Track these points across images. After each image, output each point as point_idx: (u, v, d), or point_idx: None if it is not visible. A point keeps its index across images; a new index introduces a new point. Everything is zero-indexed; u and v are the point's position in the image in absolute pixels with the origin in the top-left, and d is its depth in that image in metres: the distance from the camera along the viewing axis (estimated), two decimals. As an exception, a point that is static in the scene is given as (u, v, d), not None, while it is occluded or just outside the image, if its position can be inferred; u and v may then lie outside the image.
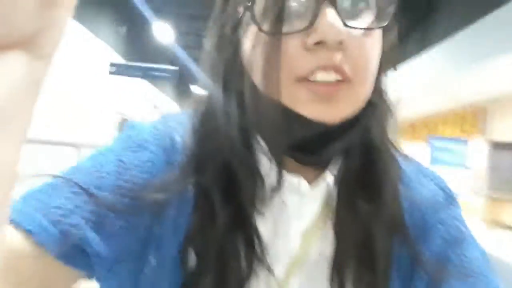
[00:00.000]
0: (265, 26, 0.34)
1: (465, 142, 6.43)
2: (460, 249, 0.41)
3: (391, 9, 0.35)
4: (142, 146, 0.39)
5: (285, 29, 0.33)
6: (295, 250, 0.39)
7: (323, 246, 0.40)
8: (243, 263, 0.37)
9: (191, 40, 10.75)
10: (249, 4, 0.34)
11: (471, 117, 8.28)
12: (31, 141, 3.60)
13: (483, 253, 0.43)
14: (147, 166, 0.38)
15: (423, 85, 7.26)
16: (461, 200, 0.48)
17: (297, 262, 0.39)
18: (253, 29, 0.35)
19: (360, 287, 0.38)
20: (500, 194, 7.49)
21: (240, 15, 0.37)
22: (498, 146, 8.15)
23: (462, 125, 8.57)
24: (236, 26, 0.37)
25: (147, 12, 8.78)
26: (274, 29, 0.33)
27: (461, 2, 7.19)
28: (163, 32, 9.52)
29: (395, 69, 0.42)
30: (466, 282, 0.39)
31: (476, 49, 5.81)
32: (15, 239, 0.31)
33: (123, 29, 9.00)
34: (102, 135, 8.27)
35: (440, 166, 5.91)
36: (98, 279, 0.38)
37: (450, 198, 0.46)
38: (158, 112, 13.26)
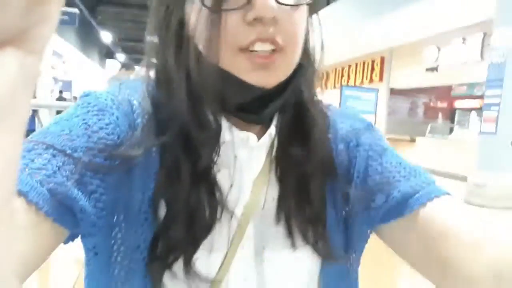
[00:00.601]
0: (208, 3, 0.38)
1: (372, 90, 7.02)
2: (382, 159, 0.48)
3: None
4: (103, 110, 0.41)
5: (226, 6, 0.38)
6: (248, 197, 0.45)
7: (270, 191, 0.46)
8: (207, 210, 0.42)
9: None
10: None
11: (376, 66, 9.01)
12: None
13: (403, 161, 0.48)
14: (111, 127, 0.41)
15: (333, 34, 7.59)
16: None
17: (250, 207, 0.45)
18: (197, 5, 0.39)
19: (302, 220, 0.45)
20: (396, 135, 8.49)
21: None
22: (395, 93, 9.10)
23: (368, 74, 9.31)
24: (183, 2, 0.42)
25: None
26: (215, 7, 0.38)
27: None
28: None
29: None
30: (387, 191, 0.45)
31: (380, 1, 6.19)
32: None
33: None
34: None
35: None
36: (83, 236, 0.41)
37: (368, 125, 0.53)
38: (58, 59, 11.93)
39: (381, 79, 8.88)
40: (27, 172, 0.34)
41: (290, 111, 0.46)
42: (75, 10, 7.43)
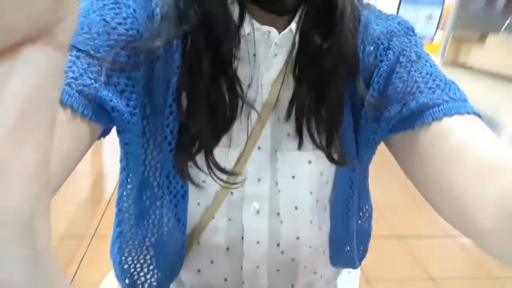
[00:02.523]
0: None
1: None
2: (411, 67, 0.44)
3: None
4: (118, 3, 0.40)
5: None
6: (266, 97, 0.45)
7: (288, 91, 0.45)
8: (228, 104, 0.43)
9: None
10: None
11: None
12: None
13: (437, 72, 0.44)
14: (130, 22, 0.40)
15: None
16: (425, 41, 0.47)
17: (268, 106, 0.45)
18: None
19: (317, 120, 0.45)
20: (463, 31, 7.56)
21: None
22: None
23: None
24: None
25: None
26: None
27: None
28: None
29: None
30: (405, 101, 0.42)
31: None
32: None
33: None
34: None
35: (412, 5, 5.68)
36: (118, 132, 0.43)
37: (407, 29, 0.47)
38: None
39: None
40: None
41: (317, 3, 0.42)
42: None
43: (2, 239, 0.11)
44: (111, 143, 0.52)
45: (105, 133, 0.43)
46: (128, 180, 0.48)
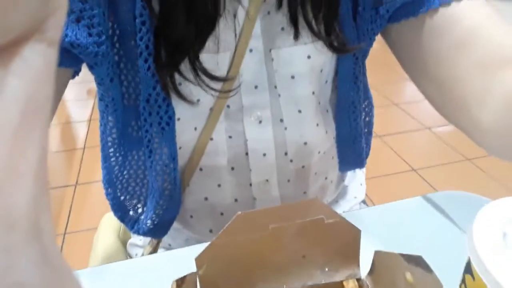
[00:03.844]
0: None
1: None
2: None
3: None
4: None
5: None
6: None
7: None
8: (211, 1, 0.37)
9: None
10: None
11: None
12: None
13: None
14: None
15: None
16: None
17: (257, 1, 0.40)
18: None
19: (314, 6, 0.41)
20: None
21: None
22: None
23: None
24: None
25: None
26: None
27: None
28: None
29: None
30: None
31: None
32: None
33: None
34: None
35: None
36: (90, 67, 0.39)
37: None
38: None
39: None
40: None
41: None
42: None
43: (14, 242, 0.11)
44: (74, 88, 0.45)
45: (77, 72, 0.39)
46: (109, 116, 0.44)
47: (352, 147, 0.52)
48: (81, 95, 2.36)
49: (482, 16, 0.37)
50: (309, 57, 0.43)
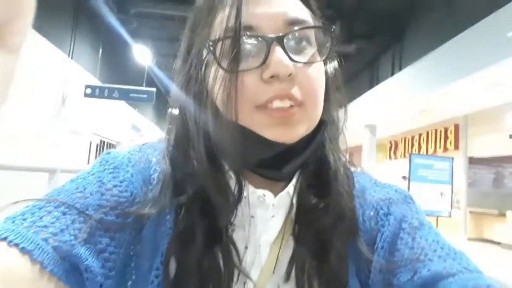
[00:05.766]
0: (225, 65, 0.40)
1: (446, 159, 6.47)
2: (415, 233, 0.43)
3: (329, 45, 0.43)
4: (118, 168, 0.42)
5: (242, 66, 0.40)
6: (264, 260, 0.43)
7: (287, 252, 0.43)
8: (224, 273, 0.40)
9: (169, 62, 10.70)
10: (211, 48, 0.41)
11: (449, 134, 8.44)
12: (3, 168, 3.39)
13: (443, 240, 0.43)
14: (125, 185, 0.41)
15: (399, 102, 7.38)
16: (442, 216, 0.44)
17: (267, 271, 0.42)
18: (215, 67, 0.41)
19: (320, 282, 0.41)
20: (481, 209, 7.57)
21: (204, 57, 0.43)
22: (475, 162, 8.31)
23: (441, 142, 8.72)
24: (201, 66, 0.43)
25: (125, 34, 8.70)
26: (232, 68, 0.39)
27: (428, 26, 7.44)
28: (141, 54, 9.44)
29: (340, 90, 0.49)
30: (415, 268, 0.39)
31: (446, 69, 5.97)
32: (10, 258, 0.32)
33: (101, 52, 8.90)
34: (81, 159, 8.02)
35: (421, 183, 5.92)
36: None
37: (405, 197, 0.48)
38: (136, 133, 13.07)
39: (456, 147, 8.24)
40: (33, 230, 0.34)
41: (311, 167, 0.45)
42: (153, 89, 8.18)
43: None
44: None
45: None
46: None
47: None
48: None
49: None
50: None
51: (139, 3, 8.20)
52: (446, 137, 8.55)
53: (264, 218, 0.43)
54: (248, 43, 0.40)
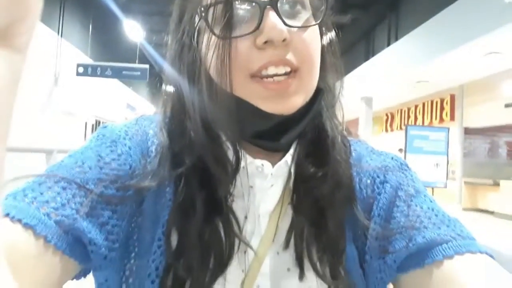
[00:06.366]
0: (218, 32, 0.39)
1: (442, 129, 6.49)
2: (411, 201, 0.43)
3: (323, 8, 0.42)
4: (115, 141, 0.42)
5: (236, 33, 0.39)
6: (264, 229, 0.43)
7: (286, 222, 0.43)
8: (225, 243, 0.40)
9: (162, 38, 10.50)
10: (203, 14, 0.40)
11: (445, 105, 8.45)
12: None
13: (438, 207, 0.43)
14: (123, 158, 0.41)
15: (395, 74, 7.33)
16: (438, 187, 0.44)
17: (266, 240, 0.43)
18: (207, 34, 0.40)
19: (318, 249, 0.42)
20: (476, 179, 7.67)
21: (196, 24, 0.42)
22: (471, 132, 8.37)
23: (437, 113, 8.74)
24: (193, 33, 0.43)
25: (116, 10, 8.48)
26: (225, 34, 0.38)
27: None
28: (133, 30, 9.24)
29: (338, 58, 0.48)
30: (410, 235, 0.40)
31: (442, 38, 5.89)
32: (14, 233, 0.32)
33: (91, 29, 8.70)
34: (77, 139, 8.00)
35: (417, 154, 5.97)
36: (95, 269, 0.39)
37: (401, 165, 0.49)
38: (132, 112, 12.98)
39: (452, 118, 8.28)
40: (35, 205, 0.34)
41: (309, 136, 0.45)
42: (146, 66, 8.06)
43: None
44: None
45: (85, 272, 0.40)
46: None
47: None
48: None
49: (482, 273, 0.37)
50: None
51: (128, -23, 7.95)
52: (442, 108, 8.57)
53: (262, 188, 0.43)
54: (241, 8, 0.39)
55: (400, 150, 6.92)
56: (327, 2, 0.42)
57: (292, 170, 0.44)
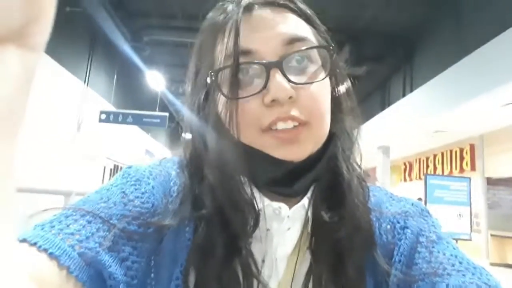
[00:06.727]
0: (226, 91, 0.41)
1: (463, 179, 6.32)
2: (433, 247, 0.42)
3: (330, 62, 0.44)
4: (140, 180, 0.44)
5: (244, 93, 0.41)
6: (282, 273, 0.43)
7: (304, 267, 0.44)
8: (241, 284, 0.40)
9: (182, 87, 10.90)
10: (213, 78, 0.42)
11: (465, 155, 8.29)
12: (20, 190, 3.44)
13: (462, 254, 0.42)
14: (146, 196, 0.42)
15: (412, 124, 7.32)
16: (462, 239, 0.43)
17: (284, 284, 0.43)
18: (218, 92, 0.43)
19: None
20: (504, 232, 7.31)
21: (208, 84, 0.44)
22: (493, 183, 8.10)
23: (457, 163, 8.55)
24: (207, 93, 0.45)
25: (139, 61, 8.94)
26: (232, 95, 0.41)
27: (439, 46, 7.46)
28: (154, 79, 9.65)
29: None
30: (433, 283, 0.39)
31: (458, 89, 5.92)
32: (39, 262, 0.33)
33: (115, 79, 9.13)
34: (95, 182, 8.10)
35: (438, 204, 5.78)
36: None
37: (422, 211, 0.48)
38: (150, 157, 13.17)
39: (473, 168, 8.07)
40: (61, 237, 0.35)
41: (325, 180, 0.45)
42: (165, 114, 8.30)
43: None
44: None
45: None
46: None
47: None
48: None
49: None
50: None
51: (152, 31, 8.46)
52: (462, 158, 8.38)
53: (280, 231, 0.44)
54: (249, 70, 0.42)
55: (420, 199, 6.72)
56: (332, 56, 0.43)
57: (310, 214, 0.44)
